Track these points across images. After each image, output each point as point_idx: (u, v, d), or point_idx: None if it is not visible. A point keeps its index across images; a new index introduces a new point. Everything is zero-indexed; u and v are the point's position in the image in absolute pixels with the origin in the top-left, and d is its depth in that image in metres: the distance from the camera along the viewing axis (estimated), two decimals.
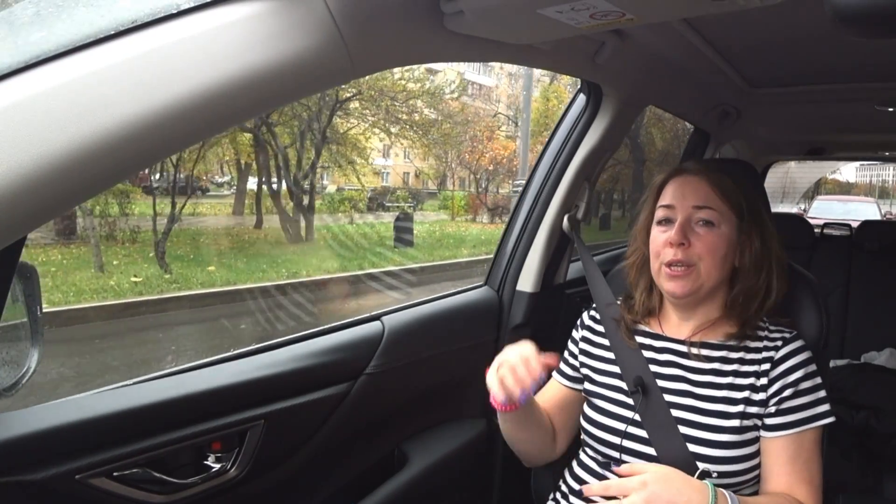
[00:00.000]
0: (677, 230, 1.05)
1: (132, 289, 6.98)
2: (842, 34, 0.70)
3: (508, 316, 1.60)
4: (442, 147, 13.27)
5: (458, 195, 15.76)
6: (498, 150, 14.28)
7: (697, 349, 1.08)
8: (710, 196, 1.07)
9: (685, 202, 1.07)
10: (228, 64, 0.65)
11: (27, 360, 0.83)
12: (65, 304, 6.07)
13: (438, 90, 12.28)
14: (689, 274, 1.05)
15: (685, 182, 1.10)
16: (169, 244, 8.69)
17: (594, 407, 1.15)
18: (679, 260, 1.05)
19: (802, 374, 1.02)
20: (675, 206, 1.08)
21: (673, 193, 1.10)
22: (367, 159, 12.48)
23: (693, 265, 1.05)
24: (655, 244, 1.10)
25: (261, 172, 10.76)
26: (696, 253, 1.05)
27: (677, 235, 1.05)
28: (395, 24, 0.84)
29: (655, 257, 1.09)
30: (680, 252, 1.05)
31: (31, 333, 0.83)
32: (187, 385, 1.04)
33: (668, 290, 1.07)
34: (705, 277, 1.05)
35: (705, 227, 1.06)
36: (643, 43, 1.32)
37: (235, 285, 7.38)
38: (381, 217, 13.49)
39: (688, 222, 1.06)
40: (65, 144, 0.57)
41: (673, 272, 1.05)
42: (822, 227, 3.11)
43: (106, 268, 7.50)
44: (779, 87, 1.92)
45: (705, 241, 1.05)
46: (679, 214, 1.07)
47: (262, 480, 1.13)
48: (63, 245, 8.68)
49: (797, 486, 0.99)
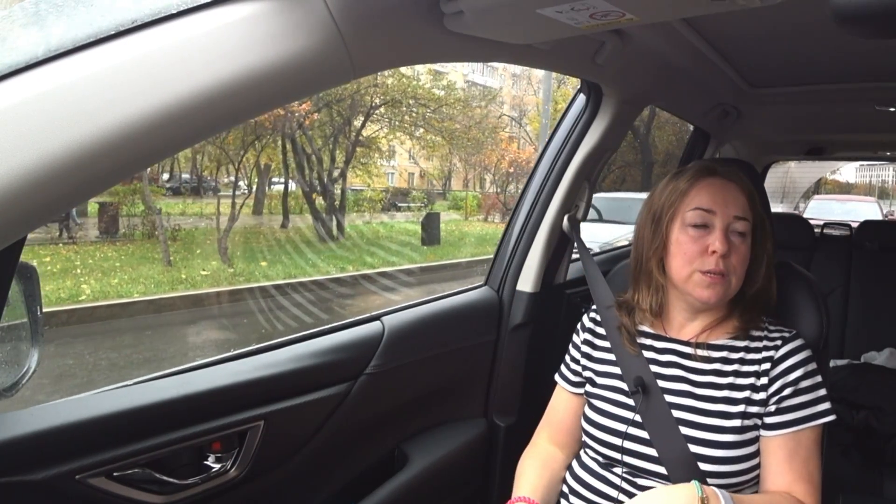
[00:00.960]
0: (723, 240, 1.02)
1: (204, 281, 7.61)
2: (842, 34, 0.70)
3: (508, 316, 1.60)
4: (468, 151, 13.76)
5: (470, 195, 16.04)
6: (517, 154, 14.58)
7: (701, 350, 1.08)
8: (745, 206, 1.05)
9: (727, 210, 1.04)
10: (228, 64, 0.65)
11: (27, 360, 0.83)
12: (154, 294, 6.80)
13: (468, 98, 13.24)
14: (723, 283, 1.03)
15: (724, 188, 1.06)
16: (206, 242, 9.22)
17: (595, 408, 1.15)
18: (720, 270, 1.02)
19: (802, 373, 1.02)
20: (716, 213, 1.04)
21: (713, 198, 1.05)
22: (388, 160, 12.95)
23: (727, 275, 1.03)
24: (689, 249, 1.05)
25: (288, 173, 11.06)
26: (732, 264, 1.03)
27: (724, 245, 1.02)
28: (395, 24, 0.84)
29: (688, 262, 1.05)
30: (721, 262, 1.02)
31: (31, 333, 0.83)
32: (187, 385, 1.04)
33: (701, 297, 1.04)
34: (735, 287, 1.05)
35: (740, 238, 1.04)
36: (643, 43, 1.32)
37: (296, 278, 8.04)
38: (394, 216, 13.90)
39: (727, 230, 1.04)
40: (65, 144, 0.57)
41: (711, 279, 1.03)
42: (822, 227, 3.11)
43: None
44: (779, 87, 1.92)
45: (740, 252, 1.04)
46: (720, 221, 1.04)
47: (262, 480, 1.13)
48: (110, 243, 9.25)
49: (796, 484, 0.99)
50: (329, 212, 10.75)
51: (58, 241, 8.95)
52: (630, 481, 1.07)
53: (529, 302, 1.60)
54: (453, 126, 12.36)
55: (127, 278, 7.34)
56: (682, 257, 1.06)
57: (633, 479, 1.07)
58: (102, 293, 6.73)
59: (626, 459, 1.07)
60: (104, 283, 7.10)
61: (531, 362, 1.62)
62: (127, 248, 9.10)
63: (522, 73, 17.00)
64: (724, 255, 1.02)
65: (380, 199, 14.24)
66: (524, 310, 1.59)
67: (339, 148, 11.14)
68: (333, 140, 10.92)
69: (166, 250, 8.25)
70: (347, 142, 11.17)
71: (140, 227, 9.78)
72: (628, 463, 1.07)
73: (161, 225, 8.86)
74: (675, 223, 1.07)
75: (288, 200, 11.46)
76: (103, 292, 6.76)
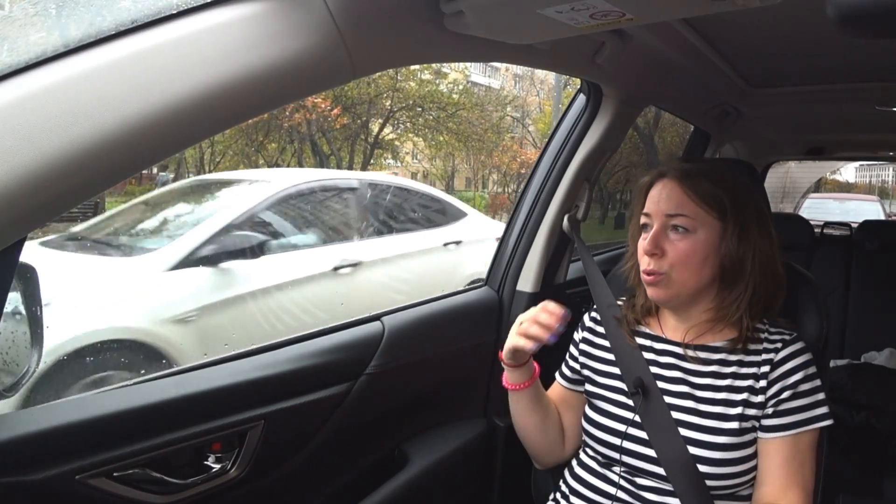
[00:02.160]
0: (650, 240, 1.05)
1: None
2: (842, 34, 0.70)
3: (508, 316, 1.60)
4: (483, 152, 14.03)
5: (478, 195, 16.24)
6: (528, 155, 14.75)
7: (694, 351, 1.08)
8: (683, 202, 1.05)
9: (659, 209, 1.06)
10: (228, 64, 0.65)
11: (27, 360, 0.83)
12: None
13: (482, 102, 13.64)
14: (662, 281, 1.05)
15: (662, 187, 1.08)
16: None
17: (594, 408, 1.15)
18: (652, 269, 1.05)
19: (802, 376, 1.02)
20: (651, 214, 1.08)
21: (650, 200, 1.09)
22: (401, 161, 13.26)
23: (664, 273, 1.05)
24: (635, 251, 1.11)
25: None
26: (669, 262, 1.04)
27: (650, 245, 1.05)
28: (395, 24, 0.84)
29: (636, 264, 1.11)
30: (653, 262, 1.05)
31: (31, 333, 0.83)
32: (187, 385, 1.03)
33: (649, 296, 1.09)
34: (680, 285, 1.05)
35: (679, 234, 1.05)
36: (643, 43, 1.32)
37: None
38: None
39: (662, 230, 1.05)
40: (65, 144, 0.57)
41: (648, 279, 1.06)
42: (822, 227, 3.11)
43: None
44: (779, 87, 1.92)
45: (678, 249, 1.04)
46: (654, 222, 1.07)
47: (262, 480, 1.13)
48: None
49: (790, 489, 0.99)
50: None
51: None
52: (630, 480, 1.07)
53: (529, 302, 1.60)
54: (472, 129, 12.72)
55: None
56: (633, 259, 1.12)
57: (632, 479, 1.07)
58: None
59: (625, 459, 1.07)
60: None
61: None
62: None
63: (525, 73, 17.04)
64: (651, 253, 1.04)
65: None
66: (524, 310, 1.58)
67: (356, 149, 11.36)
68: (353, 141, 11.11)
69: None
70: (366, 143, 11.37)
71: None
72: (627, 463, 1.07)
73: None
74: (635, 229, 1.13)
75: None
76: None
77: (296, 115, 9.57)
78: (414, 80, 11.39)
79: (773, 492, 0.99)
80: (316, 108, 9.66)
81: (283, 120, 9.54)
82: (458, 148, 13.47)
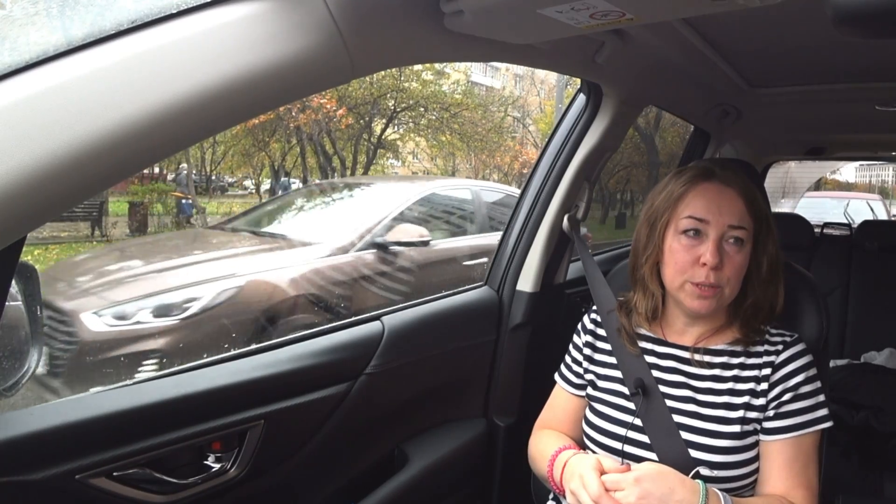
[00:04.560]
0: (714, 252, 0.98)
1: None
2: (842, 34, 0.70)
3: (508, 316, 1.60)
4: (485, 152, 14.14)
5: None
6: (529, 155, 14.81)
7: (700, 355, 1.07)
8: (744, 213, 1.00)
9: (721, 219, 0.99)
10: (228, 64, 0.65)
11: (27, 360, 0.83)
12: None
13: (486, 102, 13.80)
14: (716, 294, 1.00)
15: (720, 194, 1.01)
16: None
17: (596, 411, 1.14)
18: (711, 283, 0.98)
19: (803, 379, 1.02)
20: (710, 221, 1.00)
21: (707, 205, 1.00)
22: (403, 161, 13.42)
23: (720, 287, 1.00)
24: (681, 259, 1.01)
25: (306, 173, 11.34)
26: (727, 275, 1.00)
27: (714, 258, 0.97)
28: (395, 24, 0.84)
29: (679, 272, 1.01)
30: (713, 275, 0.98)
31: (31, 333, 0.83)
32: (187, 385, 1.04)
33: (692, 307, 1.02)
34: (728, 297, 1.02)
35: (735, 247, 1.00)
36: (643, 43, 1.32)
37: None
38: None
39: (721, 240, 1.00)
40: (65, 144, 0.57)
41: (702, 292, 0.99)
42: (822, 227, 3.11)
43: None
44: (779, 87, 1.92)
45: (734, 262, 1.00)
46: (713, 231, 0.99)
47: (262, 480, 1.13)
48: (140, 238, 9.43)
49: (794, 490, 0.99)
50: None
51: (92, 239, 9.16)
52: None
53: (529, 302, 1.60)
54: (474, 130, 12.76)
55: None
56: (674, 266, 1.02)
57: None
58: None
59: (627, 462, 1.07)
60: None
61: (531, 362, 1.62)
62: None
63: (525, 73, 17.06)
64: (715, 267, 0.98)
65: None
66: (524, 310, 1.59)
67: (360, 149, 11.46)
68: (356, 141, 11.20)
69: None
70: (369, 143, 11.45)
71: (169, 225, 10.14)
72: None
73: (205, 223, 9.32)
74: (669, 229, 1.04)
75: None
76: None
77: (301, 116, 9.63)
78: (417, 81, 11.45)
79: (778, 492, 0.99)
80: (321, 108, 9.73)
81: (289, 120, 9.61)
82: (460, 148, 13.54)
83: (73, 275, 3.77)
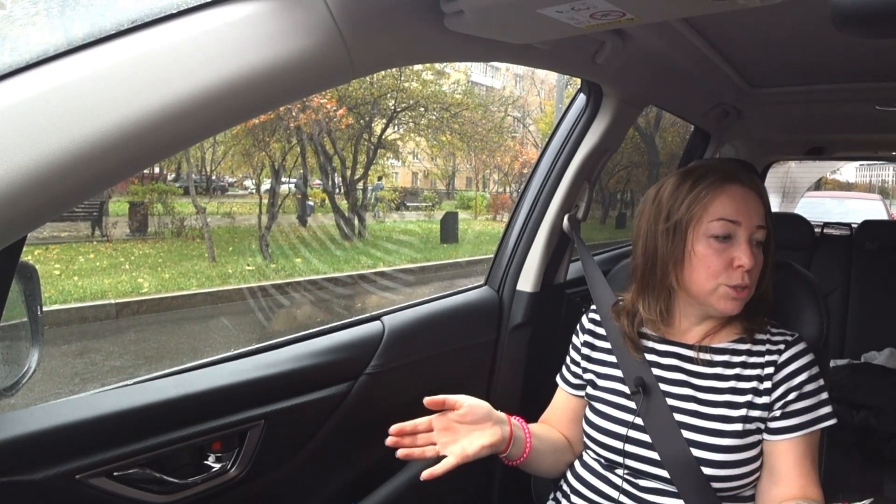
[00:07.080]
0: (749, 254, 0.98)
1: (252, 275, 8.04)
2: (842, 34, 0.70)
3: (508, 316, 1.60)
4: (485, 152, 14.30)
5: (479, 196, 16.39)
6: (529, 155, 14.86)
7: (703, 353, 1.07)
8: (763, 214, 1.02)
9: (751, 220, 1.00)
10: (228, 64, 0.65)
11: (27, 360, 0.83)
12: (210, 286, 7.25)
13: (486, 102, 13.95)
14: (748, 295, 1.02)
15: (746, 196, 1.01)
16: (236, 240, 9.86)
17: (596, 411, 1.14)
18: (747, 284, 0.99)
19: (806, 377, 1.02)
20: (741, 223, 1.00)
21: (737, 207, 1.00)
22: (404, 161, 13.51)
23: (750, 287, 1.01)
24: (714, 263, 1.00)
25: (306, 173, 11.43)
26: (755, 276, 1.01)
27: (751, 260, 0.98)
28: (395, 24, 0.84)
29: (712, 276, 1.00)
30: (748, 276, 0.99)
31: (32, 333, 0.83)
32: (187, 385, 1.04)
33: (725, 309, 1.01)
34: (751, 296, 1.03)
35: (759, 248, 1.01)
36: (643, 43, 1.32)
37: (340, 272, 8.57)
38: (404, 216, 14.39)
39: (750, 241, 1.00)
40: (65, 144, 0.57)
41: (737, 294, 1.00)
42: (823, 227, 3.11)
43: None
44: (779, 87, 1.92)
45: (759, 262, 1.01)
46: (744, 232, 1.00)
47: (262, 480, 1.13)
48: (142, 241, 9.71)
49: (809, 487, 0.99)
50: (351, 210, 11.18)
51: (92, 239, 9.24)
52: (632, 482, 1.07)
53: (529, 302, 1.60)
54: (474, 130, 12.81)
55: (176, 273, 7.70)
56: (705, 271, 1.00)
57: (634, 481, 1.07)
58: (161, 286, 7.08)
59: (628, 462, 1.07)
60: (157, 278, 7.41)
61: (531, 362, 1.62)
62: (161, 245, 9.51)
63: (525, 73, 17.09)
64: (749, 269, 0.99)
65: (393, 199, 14.94)
66: (524, 310, 1.59)
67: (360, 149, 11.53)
68: (356, 141, 11.26)
69: (211, 247, 8.75)
70: (369, 143, 11.51)
71: (170, 225, 10.22)
72: (630, 465, 1.07)
73: (206, 223, 9.41)
74: (695, 233, 1.01)
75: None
76: (162, 286, 7.11)
77: (301, 116, 9.66)
78: (417, 81, 11.49)
79: (791, 492, 0.99)
80: (321, 108, 9.75)
81: (290, 120, 9.66)
82: (461, 148, 13.59)
83: None
